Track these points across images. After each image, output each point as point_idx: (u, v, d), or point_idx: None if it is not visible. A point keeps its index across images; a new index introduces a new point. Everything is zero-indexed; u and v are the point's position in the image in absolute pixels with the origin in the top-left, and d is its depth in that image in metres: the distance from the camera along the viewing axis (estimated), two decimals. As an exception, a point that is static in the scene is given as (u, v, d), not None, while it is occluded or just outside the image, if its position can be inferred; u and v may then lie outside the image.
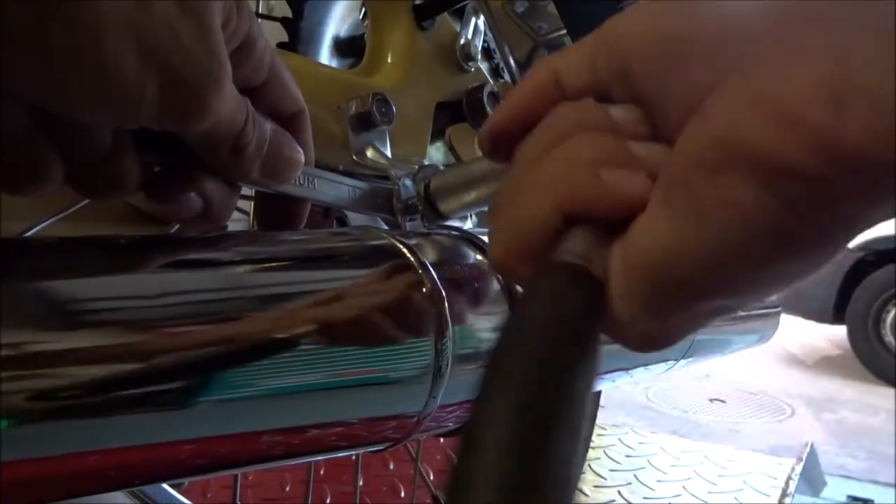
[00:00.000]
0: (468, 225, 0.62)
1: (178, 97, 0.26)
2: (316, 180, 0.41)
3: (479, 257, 0.41)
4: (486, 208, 0.44)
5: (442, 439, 1.28)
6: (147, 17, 0.25)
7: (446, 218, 0.46)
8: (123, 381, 0.24)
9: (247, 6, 0.30)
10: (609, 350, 0.49)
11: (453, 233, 0.43)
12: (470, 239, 0.42)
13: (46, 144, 0.27)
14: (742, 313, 0.67)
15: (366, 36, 0.66)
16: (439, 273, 0.36)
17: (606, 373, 0.51)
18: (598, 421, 0.94)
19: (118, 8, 0.24)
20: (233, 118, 0.29)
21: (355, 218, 0.54)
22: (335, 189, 0.43)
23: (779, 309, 0.75)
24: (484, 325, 0.38)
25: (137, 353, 0.25)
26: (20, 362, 0.22)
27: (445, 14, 0.68)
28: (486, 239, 0.42)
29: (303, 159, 0.34)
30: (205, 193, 0.32)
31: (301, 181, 0.39)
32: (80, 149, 0.28)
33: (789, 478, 1.39)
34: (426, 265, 0.36)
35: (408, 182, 0.48)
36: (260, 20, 0.66)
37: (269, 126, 0.32)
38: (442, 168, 0.47)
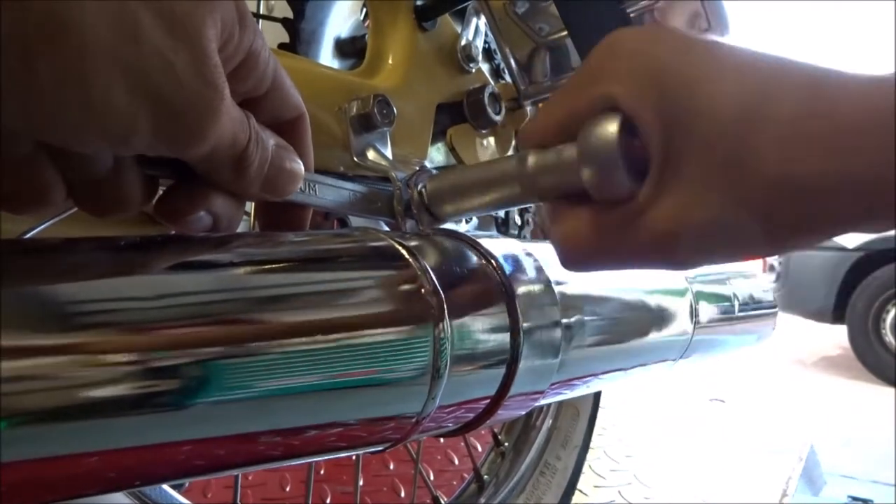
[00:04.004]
0: (465, 227, 0.63)
1: (172, 127, 0.26)
2: (317, 186, 0.41)
3: (477, 259, 0.41)
4: (482, 211, 0.44)
5: (442, 439, 1.29)
6: (138, 51, 0.24)
7: (443, 221, 0.46)
8: (122, 382, 0.24)
9: (251, 21, 0.29)
10: (607, 351, 0.49)
11: (452, 235, 0.43)
12: (468, 241, 0.42)
13: (47, 166, 0.27)
14: (740, 313, 0.67)
15: (367, 37, 0.66)
16: (438, 274, 0.36)
17: (605, 373, 0.51)
18: (597, 421, 0.94)
19: (105, 43, 0.23)
20: (233, 140, 0.29)
21: (357, 218, 0.54)
22: (336, 194, 0.43)
23: (776, 309, 0.75)
24: (482, 327, 0.38)
25: (136, 355, 0.25)
26: (20, 363, 0.22)
27: (446, 15, 0.68)
28: (483, 242, 0.42)
29: (303, 171, 0.34)
30: (211, 210, 0.32)
31: (302, 188, 0.39)
32: (81, 170, 0.28)
33: (789, 478, 1.39)
34: (425, 267, 0.36)
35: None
36: (260, 21, 0.66)
37: (271, 142, 0.32)
38: (435, 172, 0.48)
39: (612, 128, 0.32)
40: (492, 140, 0.74)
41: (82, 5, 0.23)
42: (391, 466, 1.20)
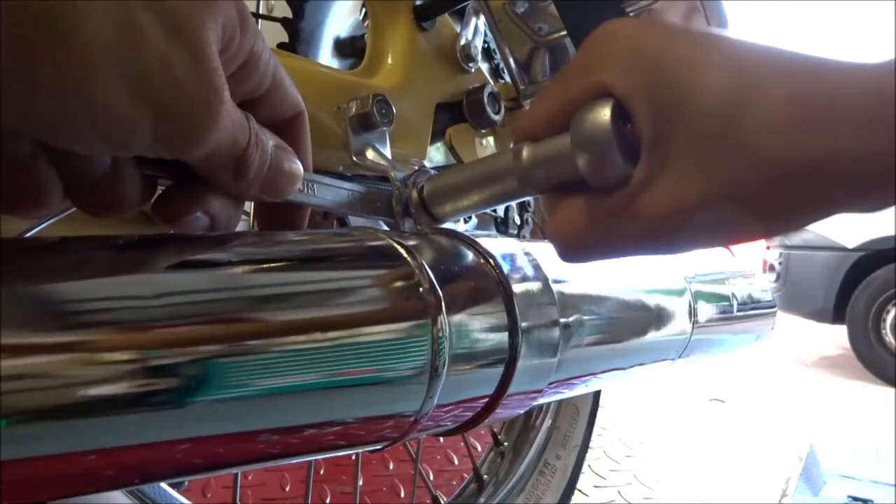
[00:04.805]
0: (464, 227, 0.63)
1: (172, 130, 0.26)
2: (315, 186, 0.41)
3: (475, 258, 0.41)
4: (480, 208, 0.44)
5: (441, 439, 1.29)
6: (138, 54, 0.24)
7: (442, 221, 0.46)
8: (122, 380, 0.24)
9: (251, 23, 0.29)
10: (605, 350, 0.49)
11: (450, 234, 0.44)
12: (467, 240, 0.42)
13: (46, 166, 0.27)
14: (739, 313, 0.67)
15: (366, 36, 0.66)
16: (436, 273, 0.36)
17: (604, 372, 0.51)
18: (597, 421, 0.94)
19: (107, 46, 0.23)
20: (233, 142, 0.29)
21: (356, 218, 0.54)
22: (334, 193, 0.43)
23: (775, 309, 0.75)
24: (480, 326, 0.38)
25: (135, 353, 0.25)
26: (20, 362, 0.22)
27: (446, 15, 0.68)
28: (481, 241, 0.42)
29: (302, 172, 0.34)
30: (210, 211, 0.32)
31: (301, 187, 0.39)
32: (79, 171, 0.28)
33: (789, 478, 1.39)
34: (423, 265, 0.36)
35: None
36: (260, 20, 0.66)
37: (270, 143, 0.32)
38: (434, 173, 0.48)
39: (604, 113, 0.32)
40: (491, 140, 0.74)
41: (83, 7, 0.23)
42: (391, 466, 1.20)
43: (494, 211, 0.74)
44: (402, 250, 0.37)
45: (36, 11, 0.22)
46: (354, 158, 0.53)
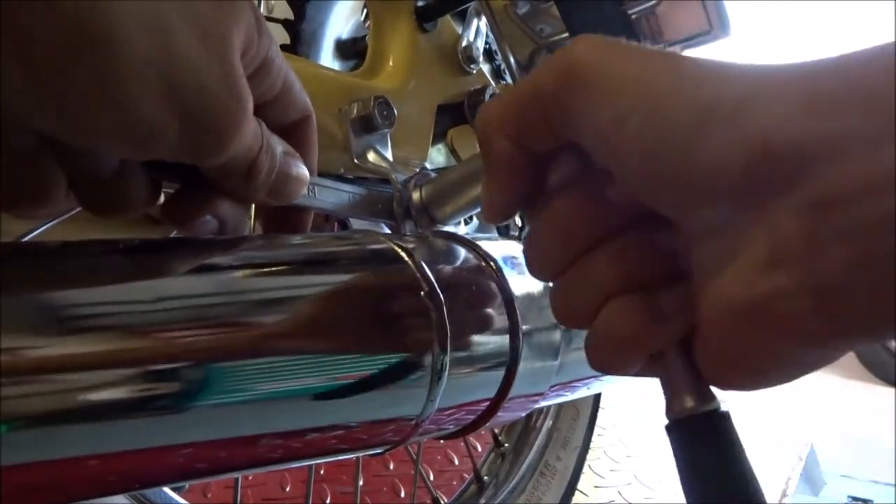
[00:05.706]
0: (465, 229, 0.63)
1: (197, 135, 0.26)
2: (317, 188, 0.41)
3: (476, 261, 0.41)
4: (478, 205, 0.44)
5: (442, 440, 1.29)
6: (170, 58, 0.24)
7: (443, 223, 0.46)
8: (123, 385, 0.24)
9: (266, 27, 0.29)
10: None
11: (451, 237, 0.43)
12: (467, 243, 0.42)
13: (50, 161, 0.27)
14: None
15: (367, 38, 0.66)
16: (437, 277, 0.36)
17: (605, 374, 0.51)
18: (597, 421, 0.94)
19: (140, 50, 0.23)
20: (248, 149, 0.29)
21: (357, 220, 0.54)
22: (336, 196, 0.44)
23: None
24: (481, 329, 0.38)
25: (137, 358, 0.25)
26: (20, 367, 0.22)
27: (447, 16, 0.68)
28: (482, 243, 0.42)
29: (308, 176, 0.34)
30: (219, 214, 0.32)
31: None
32: (85, 168, 0.28)
33: (789, 478, 1.39)
34: (424, 269, 0.36)
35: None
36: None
37: (279, 148, 0.32)
38: (433, 175, 0.48)
39: None
40: (492, 141, 0.73)
41: (117, 9, 0.23)
42: (391, 467, 1.20)
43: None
44: (402, 253, 0.37)
45: (72, 14, 0.22)
46: (356, 160, 0.53)
